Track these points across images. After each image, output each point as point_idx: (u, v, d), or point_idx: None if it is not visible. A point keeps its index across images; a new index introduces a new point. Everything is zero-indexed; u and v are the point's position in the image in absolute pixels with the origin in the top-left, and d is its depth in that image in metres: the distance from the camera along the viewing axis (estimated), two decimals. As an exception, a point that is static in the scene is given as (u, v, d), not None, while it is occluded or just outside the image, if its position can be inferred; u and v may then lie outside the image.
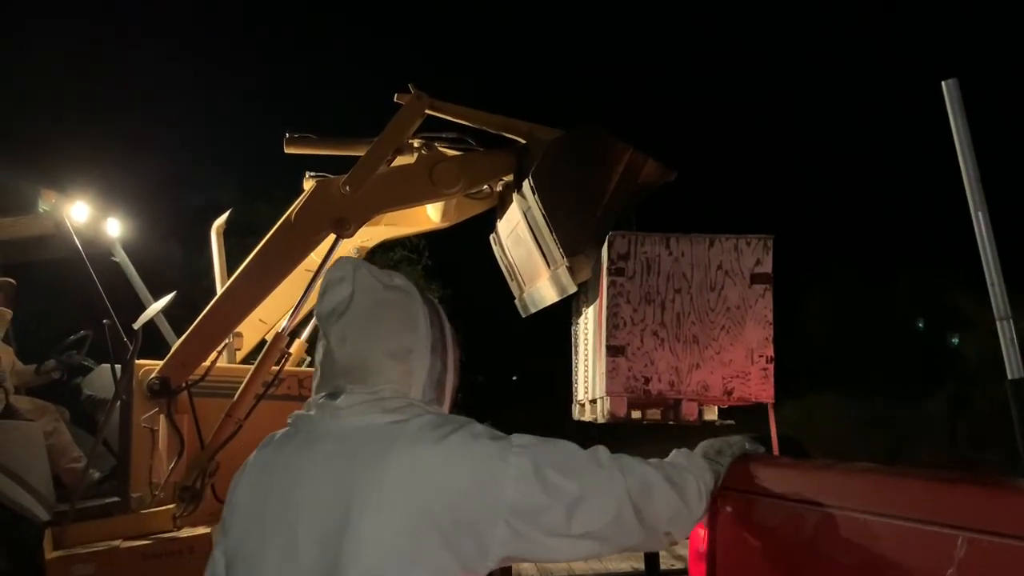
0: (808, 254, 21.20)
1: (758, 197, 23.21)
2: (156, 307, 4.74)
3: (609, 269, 3.59)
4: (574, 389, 4.41)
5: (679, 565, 5.96)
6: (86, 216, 4.85)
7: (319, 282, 5.63)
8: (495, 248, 5.07)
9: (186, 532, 4.45)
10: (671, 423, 3.61)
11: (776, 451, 3.77)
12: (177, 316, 5.03)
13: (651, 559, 4.59)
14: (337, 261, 1.57)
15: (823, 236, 22.33)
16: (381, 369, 1.45)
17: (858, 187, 23.69)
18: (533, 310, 4.77)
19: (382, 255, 12.91)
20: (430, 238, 12.55)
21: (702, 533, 2.12)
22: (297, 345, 5.70)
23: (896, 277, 17.96)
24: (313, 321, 5.81)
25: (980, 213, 2.54)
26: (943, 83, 2.59)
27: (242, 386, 4.46)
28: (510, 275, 5.00)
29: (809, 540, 1.74)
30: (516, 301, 5.03)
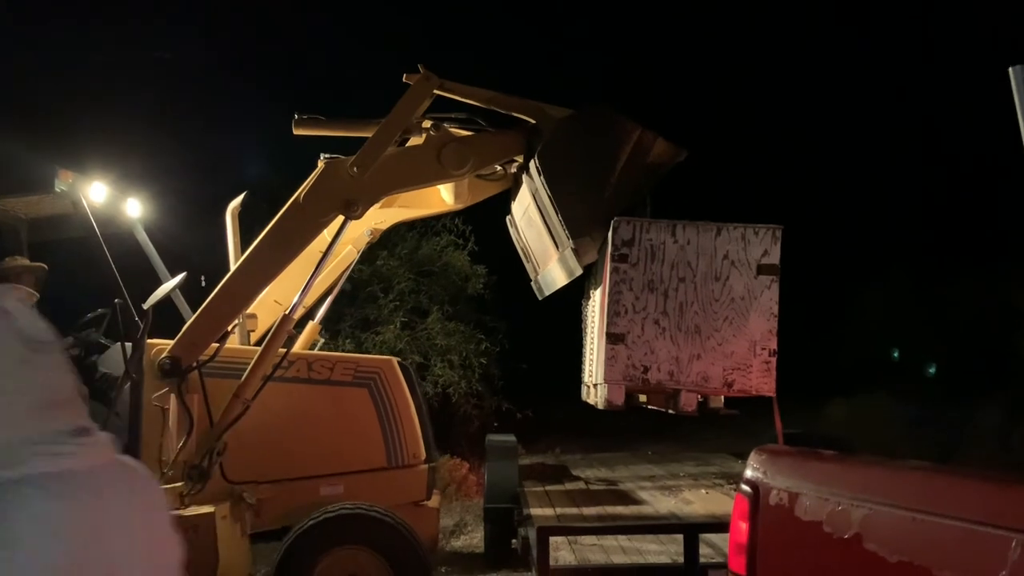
0: (866, 252, 20.58)
1: (818, 190, 22.59)
2: (167, 287, 4.76)
3: (612, 255, 3.54)
4: (582, 371, 4.33)
5: (718, 559, 5.81)
6: (104, 196, 4.89)
7: (330, 263, 5.51)
8: (511, 230, 4.99)
9: (192, 510, 4.47)
10: (670, 412, 3.52)
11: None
12: (200, 298, 5.04)
13: (690, 551, 4.57)
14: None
15: (881, 234, 21.62)
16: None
17: (919, 182, 22.81)
18: (547, 292, 4.68)
19: (429, 240, 12.83)
20: (476, 223, 12.41)
21: (743, 526, 2.12)
22: (310, 328, 5.69)
23: (955, 277, 17.29)
24: (327, 303, 5.79)
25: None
26: (1010, 69, 2.41)
27: (250, 367, 4.46)
28: (525, 257, 4.92)
29: (851, 536, 1.73)
30: (532, 284, 4.95)
